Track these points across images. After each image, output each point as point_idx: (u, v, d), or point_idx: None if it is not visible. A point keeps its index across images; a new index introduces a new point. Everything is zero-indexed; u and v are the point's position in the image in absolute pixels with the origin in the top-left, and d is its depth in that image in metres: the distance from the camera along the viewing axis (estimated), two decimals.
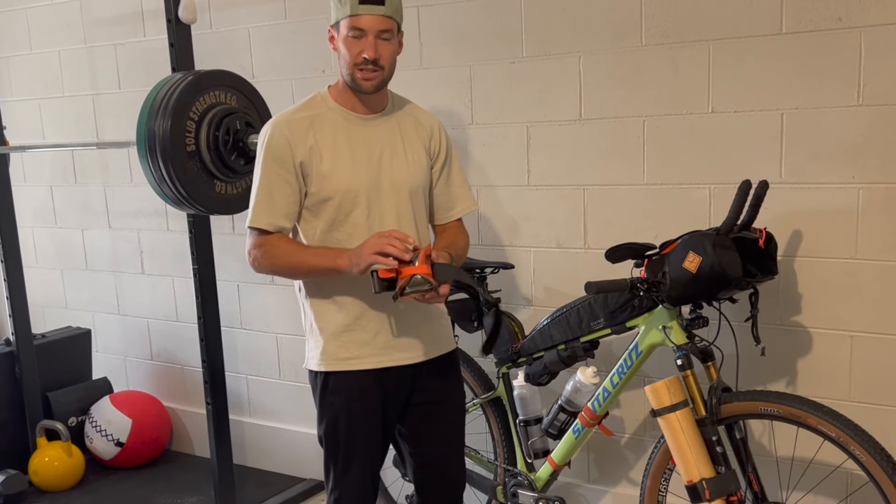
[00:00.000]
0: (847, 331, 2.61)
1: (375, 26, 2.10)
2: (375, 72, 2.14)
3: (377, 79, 2.16)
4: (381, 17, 2.11)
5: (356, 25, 2.10)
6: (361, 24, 2.10)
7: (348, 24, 2.11)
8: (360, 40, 2.11)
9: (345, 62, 2.15)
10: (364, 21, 2.10)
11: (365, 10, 2.09)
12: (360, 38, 2.11)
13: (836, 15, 2.48)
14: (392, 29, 2.14)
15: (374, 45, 2.11)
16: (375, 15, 2.10)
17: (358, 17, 2.09)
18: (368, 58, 2.11)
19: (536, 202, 3.07)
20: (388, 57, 2.16)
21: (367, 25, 2.10)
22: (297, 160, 2.18)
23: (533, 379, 2.81)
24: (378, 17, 2.10)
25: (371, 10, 2.09)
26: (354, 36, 2.11)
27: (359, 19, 2.09)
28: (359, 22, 2.10)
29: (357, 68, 2.13)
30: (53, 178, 4.35)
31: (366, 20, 2.10)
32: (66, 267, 4.44)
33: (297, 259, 2.19)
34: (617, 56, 2.83)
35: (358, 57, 2.12)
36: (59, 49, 4.15)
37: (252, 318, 3.88)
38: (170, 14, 3.12)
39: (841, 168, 2.54)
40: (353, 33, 2.11)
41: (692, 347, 2.43)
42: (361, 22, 2.10)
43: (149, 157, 2.89)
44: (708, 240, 2.29)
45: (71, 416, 4.05)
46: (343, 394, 2.28)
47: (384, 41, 2.13)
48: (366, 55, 2.11)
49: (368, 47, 2.11)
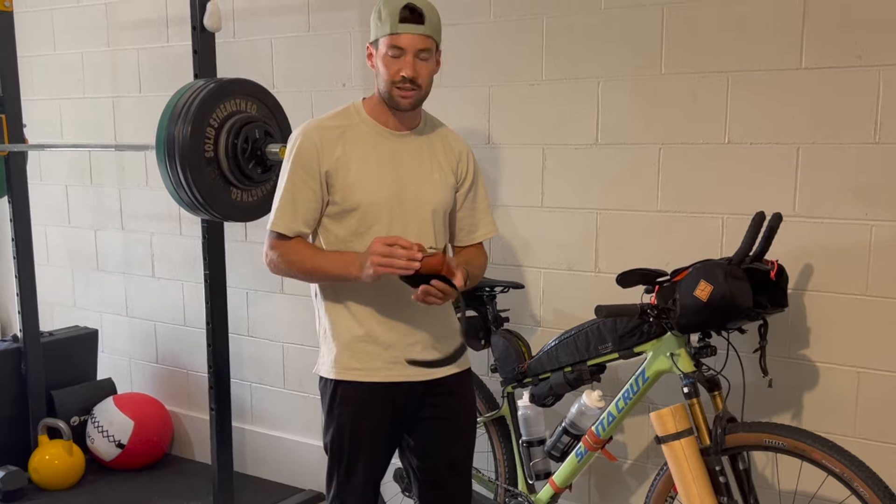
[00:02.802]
0: (854, 366, 2.61)
1: (415, 45, 2.13)
2: (413, 90, 2.17)
3: (414, 97, 2.19)
4: (421, 37, 2.13)
5: (395, 44, 2.12)
6: (401, 43, 2.12)
7: (388, 42, 2.13)
8: (398, 59, 2.13)
9: (383, 79, 2.17)
10: (403, 40, 2.12)
11: (405, 29, 2.11)
12: (399, 56, 2.13)
13: (855, 53, 2.50)
14: (431, 48, 2.17)
15: (413, 64, 2.14)
16: (415, 34, 2.12)
17: (398, 37, 2.12)
18: (407, 76, 2.13)
19: (549, 223, 3.08)
20: (426, 76, 2.19)
21: (407, 44, 2.12)
22: (323, 168, 2.20)
23: (538, 400, 2.82)
24: (417, 37, 2.12)
25: (411, 30, 2.12)
26: (394, 55, 2.13)
27: (398, 38, 2.12)
28: (398, 41, 2.12)
29: (395, 86, 2.16)
30: (69, 178, 4.38)
31: (405, 39, 2.12)
32: (77, 266, 4.46)
33: (311, 264, 2.22)
34: (636, 83, 2.85)
35: (396, 75, 2.14)
36: (83, 51, 4.20)
37: (260, 325, 3.89)
38: (195, 21, 3.15)
39: (855, 204, 2.55)
40: (392, 52, 2.13)
41: (699, 376, 2.43)
42: (401, 41, 2.12)
43: (167, 161, 2.92)
44: (720, 269, 2.30)
45: (74, 415, 4.06)
46: (351, 404, 2.29)
47: (423, 60, 2.16)
48: (404, 74, 2.13)
49: (407, 66, 2.13)
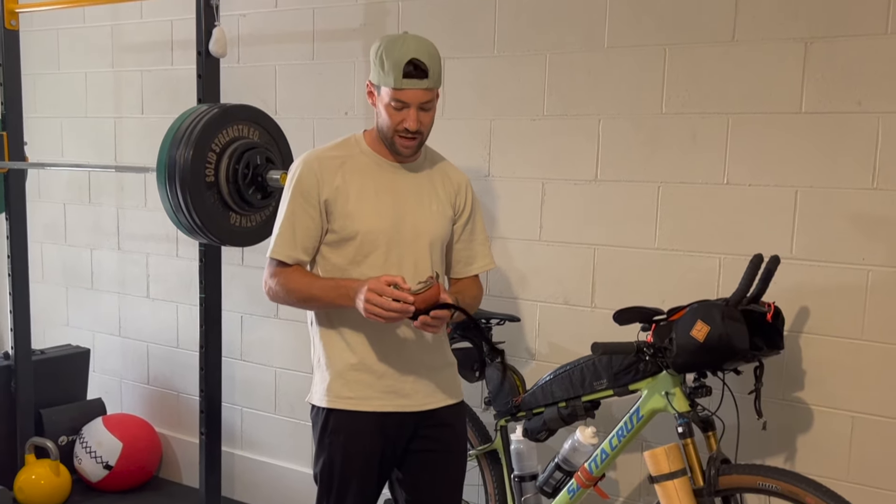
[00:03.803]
0: (849, 411, 2.61)
1: (418, 99, 2.13)
2: (415, 139, 2.19)
3: (416, 145, 2.22)
4: (425, 91, 2.14)
5: (399, 98, 2.13)
6: (405, 98, 2.13)
7: (391, 94, 2.13)
8: (402, 111, 2.14)
9: (385, 126, 2.19)
10: (407, 95, 2.12)
11: (409, 85, 2.11)
12: (402, 108, 2.14)
13: (855, 98, 2.53)
14: (433, 98, 2.18)
15: (416, 117, 2.15)
16: (419, 89, 2.12)
17: (401, 91, 2.12)
18: (411, 129, 2.15)
19: (546, 257, 3.09)
20: (429, 124, 2.20)
21: (411, 99, 2.13)
22: (322, 197, 2.21)
23: (531, 434, 2.81)
24: (421, 91, 2.13)
25: (415, 84, 2.12)
26: (397, 107, 2.14)
27: (402, 93, 2.12)
28: (402, 95, 2.12)
29: (398, 135, 2.18)
30: (68, 196, 4.38)
31: (409, 94, 2.12)
32: (71, 285, 4.45)
33: (308, 293, 2.22)
34: (637, 121, 2.88)
35: (399, 126, 2.16)
36: (87, 71, 4.22)
37: (253, 350, 3.88)
38: (200, 46, 3.17)
39: (852, 249, 2.57)
40: (395, 104, 2.14)
41: (694, 416, 2.43)
42: (405, 96, 2.12)
43: (167, 184, 2.92)
44: (717, 310, 2.31)
45: (62, 434, 4.03)
46: (343, 434, 2.28)
47: (426, 111, 2.17)
48: (407, 126, 2.15)
49: (411, 119, 2.14)
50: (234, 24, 3.66)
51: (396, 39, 2.14)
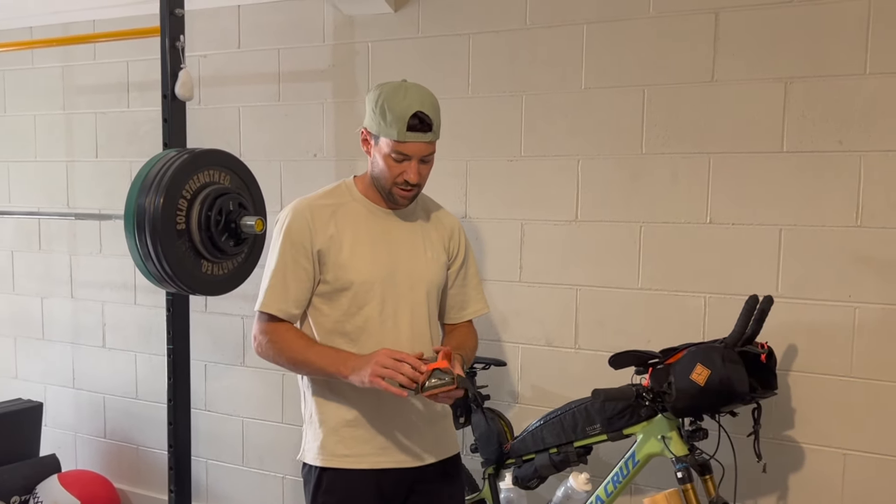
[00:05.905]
0: (840, 448, 2.62)
1: (421, 152, 2.08)
2: (412, 191, 2.13)
3: (414, 195, 2.16)
4: (427, 144, 2.08)
5: (401, 151, 2.06)
6: (407, 151, 2.06)
7: (392, 146, 2.07)
8: (402, 163, 2.08)
9: (383, 176, 2.12)
10: (410, 148, 2.06)
11: (413, 138, 2.05)
12: (402, 161, 2.08)
13: (836, 138, 2.56)
14: (434, 150, 2.12)
15: (417, 170, 2.09)
16: (422, 142, 2.07)
17: (404, 144, 2.06)
18: (411, 182, 2.09)
19: (527, 299, 3.05)
20: (427, 174, 2.15)
21: (413, 152, 2.07)
22: (315, 247, 2.13)
23: (522, 482, 2.75)
24: (424, 144, 2.07)
25: (419, 138, 2.06)
26: (398, 160, 2.08)
27: (405, 146, 2.06)
28: (405, 148, 2.06)
29: (396, 186, 2.11)
30: (16, 243, 4.19)
31: (412, 147, 2.06)
32: (20, 335, 4.25)
33: (303, 357, 2.12)
34: (616, 161, 2.87)
35: (399, 178, 2.10)
36: (35, 113, 4.06)
37: (218, 399, 3.74)
38: (166, 90, 3.05)
39: (838, 286, 2.59)
40: (396, 156, 2.07)
41: (692, 460, 2.40)
42: (408, 149, 2.06)
43: (136, 232, 2.80)
44: (716, 353, 2.29)
45: (14, 494, 3.81)
46: (337, 493, 2.18)
47: (426, 163, 2.11)
48: (408, 179, 2.09)
49: (412, 172, 2.08)
50: (196, 65, 3.55)
51: (398, 89, 2.08)
